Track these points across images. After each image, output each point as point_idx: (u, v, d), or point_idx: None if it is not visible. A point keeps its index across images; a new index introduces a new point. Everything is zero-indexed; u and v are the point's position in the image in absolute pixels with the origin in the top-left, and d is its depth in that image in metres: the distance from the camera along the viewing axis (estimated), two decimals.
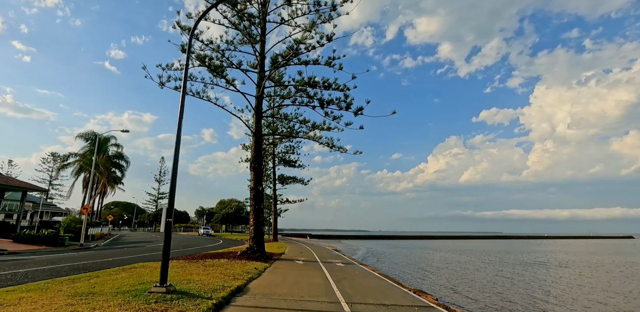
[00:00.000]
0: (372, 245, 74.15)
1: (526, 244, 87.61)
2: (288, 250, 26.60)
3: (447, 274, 24.32)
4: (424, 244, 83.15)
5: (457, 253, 50.22)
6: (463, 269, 27.53)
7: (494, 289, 17.91)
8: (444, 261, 35.22)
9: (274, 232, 41.51)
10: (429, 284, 19.02)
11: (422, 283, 19.06)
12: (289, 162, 42.03)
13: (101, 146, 51.62)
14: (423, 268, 27.35)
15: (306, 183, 42.01)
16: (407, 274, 23.48)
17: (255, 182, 19.29)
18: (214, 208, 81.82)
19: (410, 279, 20.26)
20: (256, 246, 18.61)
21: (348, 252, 47.97)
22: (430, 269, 27.12)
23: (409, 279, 20.49)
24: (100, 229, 49.11)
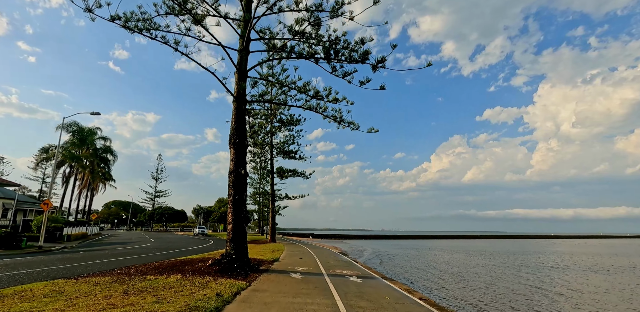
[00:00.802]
0: (377, 245, 68.20)
1: (536, 244, 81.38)
2: (285, 254, 20.76)
3: (481, 285, 18.40)
4: (430, 244, 77.21)
5: (469, 254, 44.36)
6: (490, 276, 21.63)
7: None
8: (462, 265, 29.47)
9: (272, 232, 35.74)
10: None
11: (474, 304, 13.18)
12: (288, 153, 36.28)
13: (85, 139, 46.03)
14: (444, 277, 21.47)
15: (308, 176, 36.30)
16: (432, 282, 17.57)
17: (235, 163, 13.50)
18: (212, 207, 76.10)
19: (455, 299, 14.37)
20: (235, 252, 12.76)
21: (354, 253, 42.10)
22: (454, 277, 21.21)
23: (451, 296, 14.61)
24: (84, 228, 43.42)
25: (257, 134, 35.36)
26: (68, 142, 43.78)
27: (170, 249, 24.76)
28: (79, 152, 45.06)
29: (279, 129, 36.30)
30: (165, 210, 75.30)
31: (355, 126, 17.54)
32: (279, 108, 36.93)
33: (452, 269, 25.98)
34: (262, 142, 35.71)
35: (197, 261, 14.00)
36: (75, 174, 45.47)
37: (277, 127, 36.11)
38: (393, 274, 20.93)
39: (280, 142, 35.84)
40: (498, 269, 25.79)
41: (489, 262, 31.79)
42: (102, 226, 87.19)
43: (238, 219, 13.11)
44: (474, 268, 26.64)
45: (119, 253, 20.60)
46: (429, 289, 16.32)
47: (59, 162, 43.33)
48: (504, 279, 20.78)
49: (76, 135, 44.70)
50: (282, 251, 23.07)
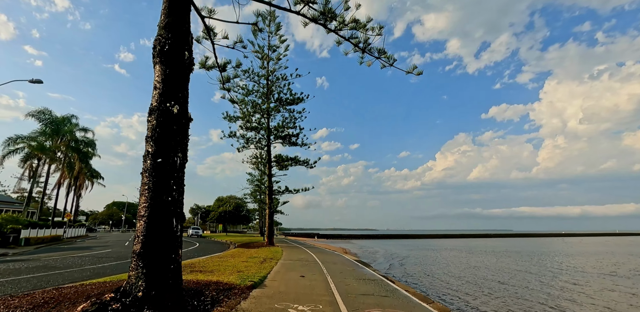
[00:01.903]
0: (387, 246, 60.53)
1: (552, 243, 73.29)
2: (278, 268, 13.21)
3: None
4: (440, 244, 69.48)
5: (495, 255, 37.06)
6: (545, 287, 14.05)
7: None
8: (500, 271, 22.12)
9: (269, 233, 28.19)
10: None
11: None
12: (288, 139, 28.90)
13: (59, 128, 38.88)
14: (492, 289, 13.95)
15: (312, 165, 28.83)
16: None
17: (162, 91, 6.26)
18: (211, 206, 68.76)
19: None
20: (146, 284, 5.38)
21: (367, 257, 34.56)
22: (505, 292, 13.68)
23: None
24: (61, 230, 36.24)
25: (252, 115, 28.06)
26: (37, 131, 36.69)
27: (126, 258, 17.47)
28: (51, 143, 38.01)
29: (277, 110, 28.96)
30: None
31: (388, 59, 10.14)
32: (276, 83, 29.64)
33: (483, 275, 18.38)
34: (258, 125, 28.39)
35: (77, 296, 6.57)
36: (48, 169, 38.46)
37: (275, 108, 28.76)
38: (414, 285, 13.46)
39: (279, 125, 28.45)
40: (539, 276, 18.18)
41: (522, 266, 24.26)
42: (98, 228, 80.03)
43: (158, 210, 5.71)
44: (510, 275, 19.06)
45: (43, 266, 13.30)
46: None
47: (26, 155, 36.24)
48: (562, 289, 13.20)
49: (49, 124, 37.64)
50: (276, 261, 15.62)
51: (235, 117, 27.70)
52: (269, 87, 29.03)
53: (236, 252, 20.14)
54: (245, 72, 29.42)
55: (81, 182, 50.87)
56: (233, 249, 24.74)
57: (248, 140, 28.82)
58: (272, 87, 29.03)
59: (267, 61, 30.31)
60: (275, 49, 30.32)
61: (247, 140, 28.79)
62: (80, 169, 47.04)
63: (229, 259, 15.23)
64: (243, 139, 28.59)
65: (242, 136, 28.42)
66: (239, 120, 27.77)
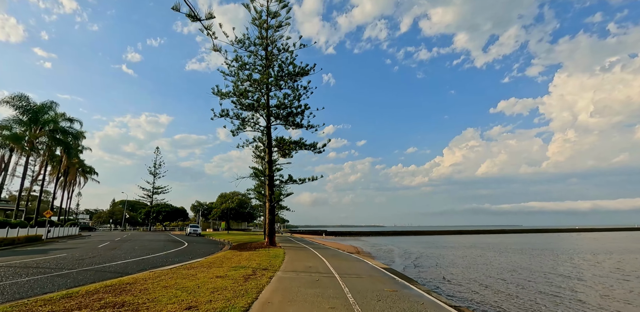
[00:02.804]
0: (399, 243, 54.85)
1: (571, 239, 66.90)
2: (269, 294, 7.59)
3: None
4: (454, 240, 63.54)
5: (523, 254, 31.45)
6: None
7: None
8: (555, 277, 16.44)
9: (269, 231, 22.53)
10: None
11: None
12: (290, 117, 23.36)
13: (37, 116, 33.80)
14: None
15: (320, 149, 23.24)
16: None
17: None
18: (213, 203, 63.64)
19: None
20: None
21: (383, 256, 29.01)
22: None
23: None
24: (42, 230, 31.24)
25: (247, 91, 22.60)
26: (10, 119, 31.64)
27: (69, 268, 12.12)
28: (28, 132, 33.03)
29: (277, 85, 23.45)
30: (162, 208, 63.07)
31: None
32: (277, 55, 24.14)
33: (545, 282, 12.72)
34: (255, 102, 22.91)
35: None
36: (26, 161, 33.39)
37: (275, 81, 23.26)
38: None
39: (280, 102, 22.93)
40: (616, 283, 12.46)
41: (580, 271, 18.55)
42: (102, 227, 75.41)
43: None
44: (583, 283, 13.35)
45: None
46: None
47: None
48: None
49: (25, 112, 32.62)
50: (272, 273, 10.13)
51: (228, 94, 22.25)
52: (268, 57, 23.54)
53: (223, 257, 14.70)
54: (240, 42, 24.01)
55: (72, 177, 45.95)
56: (224, 251, 19.35)
57: (244, 121, 23.37)
58: (270, 57, 23.52)
59: (265, 30, 24.88)
60: (276, 15, 24.87)
61: (242, 121, 23.34)
62: (68, 162, 42.02)
63: (200, 272, 9.78)
64: (238, 120, 23.15)
65: (237, 116, 22.98)
66: (232, 96, 22.35)
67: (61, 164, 39.82)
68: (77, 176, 48.36)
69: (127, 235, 42.14)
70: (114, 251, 19.08)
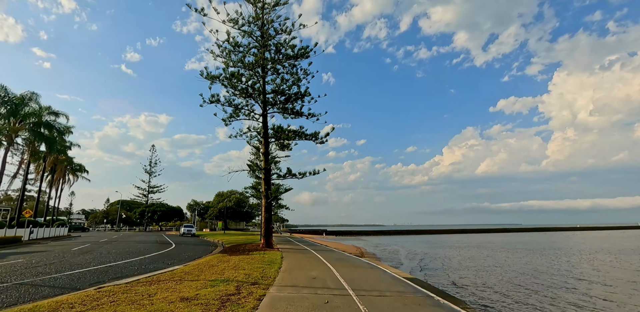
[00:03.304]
0: (402, 243, 52.04)
1: (578, 237, 64.23)
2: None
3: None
4: (458, 240, 60.84)
5: (534, 253, 29.02)
6: None
7: None
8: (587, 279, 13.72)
9: (265, 232, 19.58)
10: None
11: None
12: (289, 103, 20.49)
13: (17, 108, 30.83)
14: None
15: (323, 140, 20.33)
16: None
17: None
18: (210, 202, 60.62)
19: None
20: None
21: (390, 258, 26.25)
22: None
23: None
24: (23, 230, 28.29)
25: (242, 75, 19.74)
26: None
27: (12, 279, 9.25)
28: (8, 126, 30.07)
29: (275, 70, 20.62)
30: (157, 207, 60.02)
31: None
32: (277, 36, 21.30)
33: None
34: (249, 86, 20.05)
35: None
36: (3, 158, 30.38)
37: (272, 65, 20.42)
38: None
39: (277, 87, 20.06)
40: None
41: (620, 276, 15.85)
42: (98, 227, 72.25)
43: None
44: None
45: None
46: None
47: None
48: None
49: (3, 104, 29.68)
50: (264, 289, 7.31)
51: (219, 77, 19.35)
52: (263, 36, 20.69)
53: (205, 264, 11.82)
54: (233, 21, 21.15)
55: (59, 175, 42.90)
56: (212, 254, 16.48)
57: (237, 109, 20.49)
58: (266, 37, 20.67)
59: (260, 9, 22.04)
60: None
61: (235, 109, 20.47)
62: (54, 159, 39.04)
63: (161, 291, 6.90)
64: (230, 107, 20.27)
65: (229, 103, 20.08)
66: (224, 80, 19.45)
67: (46, 161, 36.82)
68: (66, 174, 45.36)
69: (117, 236, 39.17)
70: (84, 255, 16.17)
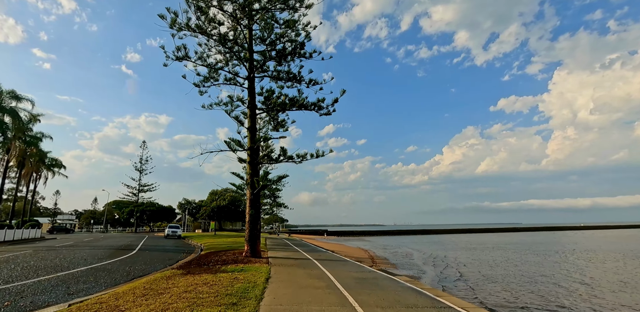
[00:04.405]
0: (410, 244, 46.28)
1: (592, 237, 58.69)
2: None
3: None
4: (468, 240, 55.35)
5: (567, 255, 23.51)
6: None
7: None
8: None
9: (250, 233, 13.72)
10: None
11: None
12: (284, 64, 14.89)
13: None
14: None
15: (329, 110, 14.59)
16: None
17: None
18: (203, 201, 54.87)
19: None
20: None
21: (403, 263, 20.62)
22: None
23: None
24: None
25: (220, 23, 14.09)
26: None
27: None
28: None
29: (262, 18, 14.97)
30: (147, 206, 54.11)
31: None
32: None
33: None
34: (231, 40, 14.40)
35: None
36: None
37: (262, 10, 14.79)
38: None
39: (265, 33, 14.39)
40: None
41: None
42: (92, 229, 66.06)
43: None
44: None
45: None
46: None
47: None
48: None
49: None
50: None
51: (187, 24, 13.68)
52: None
53: (132, 295, 6.10)
54: None
55: (29, 170, 36.97)
56: (164, 270, 10.66)
57: (214, 69, 14.78)
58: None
59: None
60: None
61: (212, 70, 14.77)
62: (21, 152, 33.17)
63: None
64: (205, 67, 14.57)
65: (202, 59, 14.39)
66: (195, 30, 13.79)
67: (9, 153, 30.96)
68: (40, 170, 39.53)
69: (94, 238, 33.25)
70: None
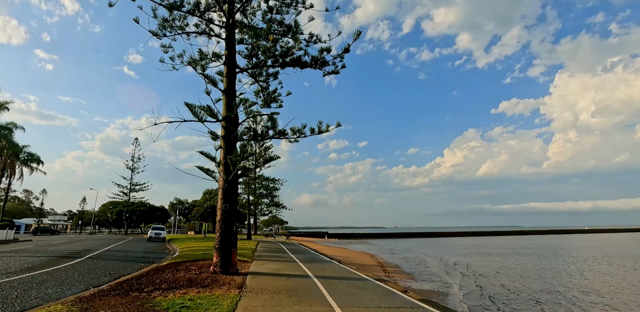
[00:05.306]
0: (418, 248, 41.71)
1: (609, 241, 54.00)
2: None
3: None
4: (475, 243, 51.03)
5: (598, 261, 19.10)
6: None
7: None
8: None
9: (222, 240, 8.78)
10: None
11: None
12: (274, 13, 10.65)
13: None
14: None
15: (336, 67, 10.44)
16: None
17: None
18: (197, 201, 50.30)
19: None
20: None
21: (419, 272, 16.09)
22: None
23: None
24: None
25: None
26: None
27: None
28: None
29: None
30: (137, 206, 49.58)
31: None
32: None
33: None
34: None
35: None
36: None
37: None
38: None
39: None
40: None
41: None
42: (87, 230, 61.50)
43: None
44: None
45: None
46: None
47: None
48: None
49: None
50: None
51: None
52: None
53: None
54: None
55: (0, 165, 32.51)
56: (80, 293, 6.19)
57: (175, 6, 10.44)
58: None
59: None
60: None
61: (172, 7, 10.42)
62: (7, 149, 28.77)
63: None
64: (165, 7, 10.28)
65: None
66: None
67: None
68: (15, 166, 35.14)
69: (67, 241, 28.72)
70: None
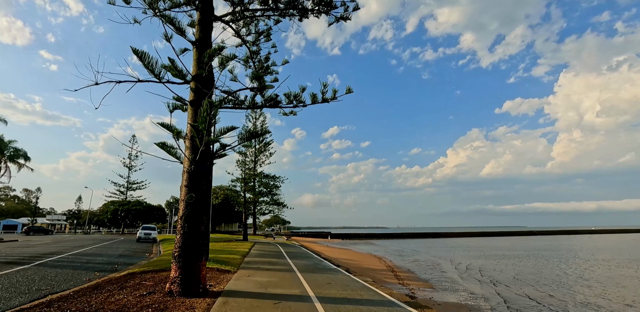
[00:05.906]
0: (427, 249, 39.09)
1: (615, 241, 51.03)
2: None
3: None
4: (483, 244, 48.52)
5: None
6: None
7: None
8: None
9: (182, 245, 5.45)
10: None
11: None
12: None
13: None
14: None
15: (347, 12, 7.94)
16: None
17: None
18: None
19: None
20: None
21: (437, 278, 13.28)
22: None
23: None
24: None
25: None
26: None
27: None
28: None
29: None
30: (133, 205, 47.12)
31: None
32: None
33: None
34: None
35: None
36: None
37: None
38: None
39: None
40: None
41: None
42: (86, 229, 58.97)
43: None
44: None
45: None
46: None
47: None
48: None
49: None
50: None
51: None
52: None
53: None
54: None
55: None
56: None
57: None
58: None
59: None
60: None
61: None
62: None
63: None
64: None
65: None
66: None
67: None
68: (0, 162, 32.79)
69: (50, 241, 26.13)
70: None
